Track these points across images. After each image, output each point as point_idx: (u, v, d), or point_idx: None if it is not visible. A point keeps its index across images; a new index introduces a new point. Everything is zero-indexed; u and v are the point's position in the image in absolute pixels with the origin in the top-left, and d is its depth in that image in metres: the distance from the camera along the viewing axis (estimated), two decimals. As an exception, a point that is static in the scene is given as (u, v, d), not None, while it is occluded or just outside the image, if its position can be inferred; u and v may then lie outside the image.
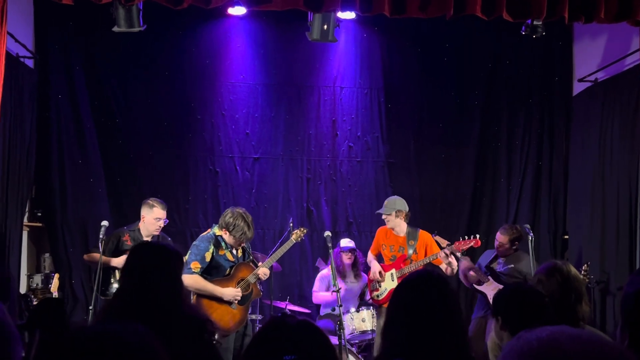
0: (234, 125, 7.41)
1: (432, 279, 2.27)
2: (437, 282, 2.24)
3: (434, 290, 2.20)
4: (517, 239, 6.00)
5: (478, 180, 7.62)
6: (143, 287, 2.73)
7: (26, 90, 6.45)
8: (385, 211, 6.06)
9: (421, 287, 2.22)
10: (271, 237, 7.29)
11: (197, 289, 5.09)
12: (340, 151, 7.53)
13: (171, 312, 2.66)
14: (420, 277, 2.30)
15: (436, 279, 2.28)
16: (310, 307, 6.86)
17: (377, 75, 7.58)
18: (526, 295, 2.76)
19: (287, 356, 1.60)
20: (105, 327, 1.21)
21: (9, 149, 6.04)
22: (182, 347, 2.49)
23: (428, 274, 2.31)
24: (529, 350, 1.15)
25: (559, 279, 3.11)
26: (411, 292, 2.23)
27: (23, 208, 6.53)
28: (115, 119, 7.22)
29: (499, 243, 6.03)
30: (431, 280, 2.25)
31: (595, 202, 6.62)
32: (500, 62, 7.58)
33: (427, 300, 2.17)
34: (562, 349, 1.12)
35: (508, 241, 5.96)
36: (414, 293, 2.22)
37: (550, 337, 1.15)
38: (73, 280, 7.01)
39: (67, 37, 7.07)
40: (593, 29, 6.83)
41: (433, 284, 2.22)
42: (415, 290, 2.22)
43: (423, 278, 2.28)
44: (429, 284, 2.22)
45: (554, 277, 3.11)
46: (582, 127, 7.03)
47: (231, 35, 7.43)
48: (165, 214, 5.72)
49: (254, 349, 1.71)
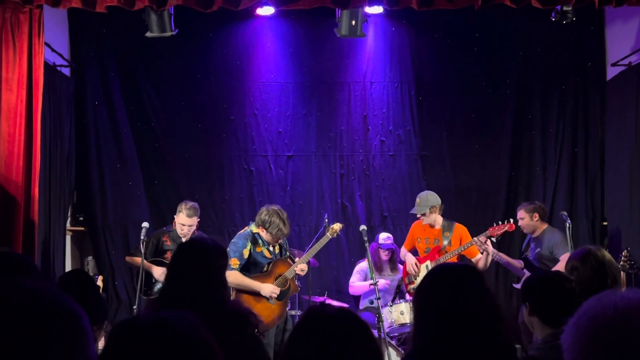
0: (267, 124, 7.49)
1: (457, 268, 2.25)
2: (461, 270, 2.20)
3: (460, 279, 2.13)
4: (536, 209, 6.12)
5: (513, 169, 7.56)
6: (187, 284, 2.81)
7: (64, 99, 6.62)
8: (419, 211, 6.04)
9: (448, 278, 2.16)
10: (307, 233, 7.34)
11: (236, 285, 5.18)
12: (372, 146, 7.55)
13: (216, 306, 2.73)
14: (446, 268, 2.28)
15: (461, 267, 2.25)
16: (348, 301, 6.89)
17: (407, 68, 7.57)
18: (552, 281, 2.78)
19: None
20: (158, 315, 1.27)
21: (50, 156, 6.21)
22: (227, 339, 2.55)
23: (452, 265, 2.30)
24: (603, 316, 1.16)
25: (593, 264, 3.12)
26: (439, 284, 2.15)
27: (65, 213, 6.72)
28: (150, 123, 7.36)
29: (519, 219, 6.17)
30: (457, 270, 2.21)
31: (633, 187, 6.52)
32: (531, 49, 7.49)
33: (454, 289, 2.09)
34: (633, 326, 1.13)
35: (526, 213, 6.08)
36: (441, 284, 2.14)
37: (626, 310, 1.15)
38: (116, 281, 7.19)
39: (102, 44, 7.24)
40: (625, 12, 6.71)
41: (459, 274, 2.16)
42: (442, 282, 2.15)
43: (448, 269, 2.27)
44: (456, 274, 2.17)
45: (589, 262, 3.12)
46: (617, 111, 6.92)
47: (260, 35, 7.51)
48: (193, 220, 5.67)
49: (295, 338, 1.75)
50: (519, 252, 6.96)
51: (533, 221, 6.11)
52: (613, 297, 1.19)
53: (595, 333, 1.16)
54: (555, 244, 6.00)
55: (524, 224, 6.18)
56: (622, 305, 1.17)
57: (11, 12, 5.27)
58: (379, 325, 5.10)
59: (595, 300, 1.21)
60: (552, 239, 6.04)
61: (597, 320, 1.17)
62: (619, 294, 1.20)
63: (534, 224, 6.14)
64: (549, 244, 6.08)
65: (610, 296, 1.20)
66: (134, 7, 5.05)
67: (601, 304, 1.19)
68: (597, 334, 1.15)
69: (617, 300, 1.18)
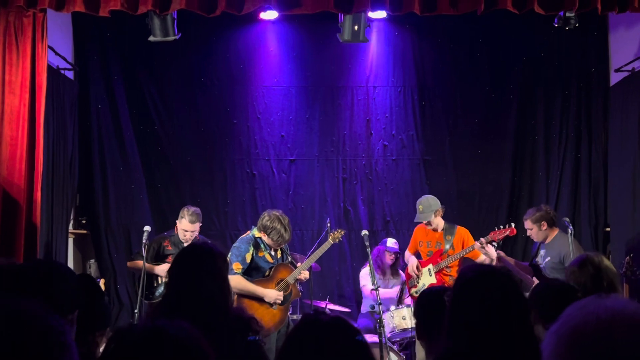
0: (269, 128, 7.50)
1: (491, 274, 2.16)
2: (496, 277, 2.12)
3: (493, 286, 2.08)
4: (542, 217, 5.84)
5: (516, 174, 7.55)
6: (190, 289, 2.80)
7: (67, 102, 6.63)
8: (425, 218, 5.99)
9: (481, 284, 2.10)
10: (309, 237, 7.35)
11: (239, 289, 5.18)
12: (375, 150, 7.55)
13: (217, 312, 2.73)
14: (480, 274, 2.17)
15: (494, 273, 2.16)
16: (350, 305, 6.90)
17: (410, 73, 7.57)
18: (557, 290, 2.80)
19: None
20: (154, 323, 1.28)
21: (53, 159, 6.22)
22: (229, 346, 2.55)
23: (487, 271, 2.19)
24: (584, 326, 1.13)
25: (590, 270, 3.17)
26: (472, 290, 2.10)
27: (68, 216, 6.73)
28: (154, 126, 7.38)
29: (528, 230, 5.97)
30: (490, 276, 2.13)
31: (636, 193, 6.50)
32: (534, 54, 7.49)
33: (488, 297, 2.04)
34: (614, 339, 1.10)
35: (532, 223, 5.88)
36: (475, 290, 2.09)
37: (608, 321, 1.12)
38: (118, 285, 7.20)
39: (106, 48, 7.26)
40: (628, 18, 6.70)
41: (492, 280, 2.10)
42: (477, 288, 2.09)
43: (482, 274, 2.16)
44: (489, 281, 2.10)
45: (586, 268, 3.17)
46: (621, 117, 6.91)
47: (264, 40, 7.52)
48: (196, 226, 5.66)
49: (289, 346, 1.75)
50: (520, 256, 6.94)
51: (542, 230, 5.87)
52: (595, 307, 1.16)
53: (575, 344, 1.13)
54: (566, 253, 5.81)
55: (534, 234, 5.95)
56: (604, 315, 1.14)
57: (15, 16, 5.28)
58: (380, 330, 5.08)
59: (578, 308, 1.18)
60: (563, 249, 5.84)
61: (578, 330, 1.14)
62: (602, 302, 1.17)
63: (544, 233, 5.89)
64: (560, 254, 5.89)
65: (593, 305, 1.17)
66: (137, 11, 5.06)
67: (583, 313, 1.16)
68: (577, 345, 1.13)
69: (600, 309, 1.15)
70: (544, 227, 5.86)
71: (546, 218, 5.86)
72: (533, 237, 5.99)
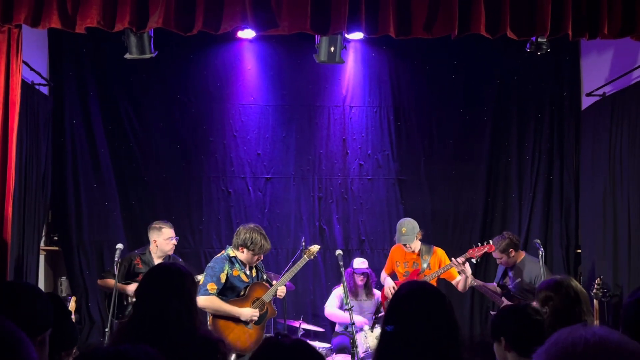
0: (246, 147, 7.50)
1: (420, 291, 2.35)
2: (424, 292, 2.33)
3: (423, 300, 2.29)
4: (509, 245, 6.17)
5: (489, 195, 7.64)
6: (157, 309, 2.77)
7: (41, 117, 6.57)
8: (409, 240, 6.02)
9: (410, 299, 2.31)
10: (284, 256, 7.34)
11: (214, 310, 5.15)
12: (351, 169, 7.59)
13: (185, 333, 2.71)
14: (409, 290, 2.38)
15: (423, 290, 2.37)
16: (323, 325, 6.87)
17: (386, 93, 7.64)
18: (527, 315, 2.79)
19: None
20: (116, 348, 1.27)
21: (26, 174, 6.15)
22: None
23: (414, 286, 2.39)
24: (573, 348, 1.18)
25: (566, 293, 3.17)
26: (404, 305, 2.31)
27: (40, 232, 6.64)
28: (129, 143, 7.33)
29: (498, 259, 6.30)
30: (420, 292, 2.33)
31: (607, 216, 6.61)
32: (508, 78, 7.62)
33: (419, 310, 2.26)
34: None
35: (501, 253, 6.14)
36: (406, 305, 2.30)
37: (596, 345, 1.17)
38: (89, 302, 7.11)
39: (81, 63, 7.22)
40: (600, 44, 6.85)
41: (421, 295, 2.31)
42: (407, 303, 2.31)
43: (411, 290, 2.37)
44: (418, 295, 2.31)
45: (561, 291, 3.17)
46: (592, 141, 7.04)
47: (241, 58, 7.55)
48: (173, 231, 5.83)
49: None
50: (494, 276, 7.00)
51: (511, 257, 6.20)
52: (584, 332, 1.20)
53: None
54: (537, 275, 6.02)
55: (503, 262, 6.28)
56: (592, 341, 1.18)
57: (-11, 31, 5.23)
58: (354, 350, 5.09)
59: (567, 332, 1.23)
60: (534, 271, 6.06)
61: (568, 353, 1.18)
62: (590, 329, 1.22)
63: (513, 259, 6.23)
64: (530, 275, 6.11)
65: (581, 330, 1.21)
66: (114, 29, 5.04)
67: (572, 336, 1.20)
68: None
69: (588, 335, 1.19)
70: (512, 254, 6.17)
71: (512, 245, 6.18)
72: (503, 264, 6.28)
